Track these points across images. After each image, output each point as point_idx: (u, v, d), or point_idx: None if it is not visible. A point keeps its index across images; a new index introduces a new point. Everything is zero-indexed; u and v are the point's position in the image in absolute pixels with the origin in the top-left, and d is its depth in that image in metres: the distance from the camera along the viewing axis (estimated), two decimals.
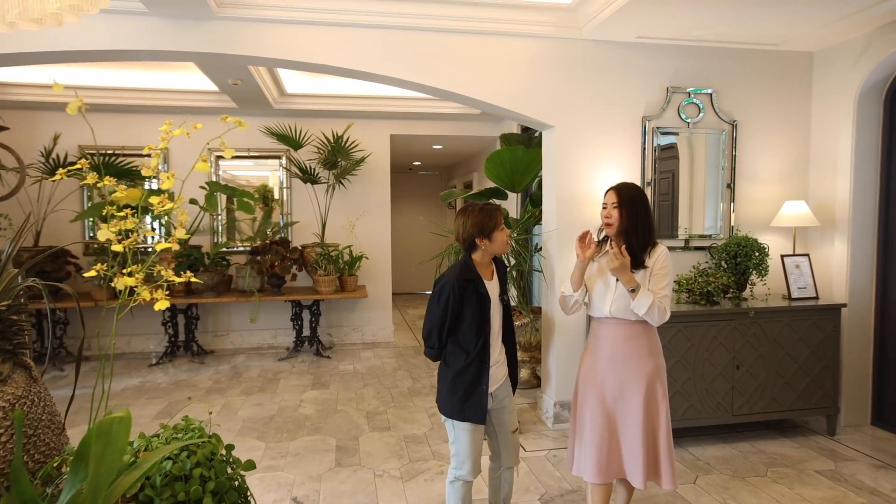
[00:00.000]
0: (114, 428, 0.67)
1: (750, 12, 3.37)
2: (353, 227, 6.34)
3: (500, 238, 2.34)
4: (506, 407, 2.44)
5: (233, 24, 3.39)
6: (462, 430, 2.31)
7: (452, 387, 2.31)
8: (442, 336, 2.32)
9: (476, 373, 2.29)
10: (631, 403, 2.31)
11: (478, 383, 2.29)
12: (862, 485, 3.03)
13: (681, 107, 3.93)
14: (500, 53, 3.70)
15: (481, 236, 2.32)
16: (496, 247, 2.35)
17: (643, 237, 2.32)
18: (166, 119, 6.22)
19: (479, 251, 2.35)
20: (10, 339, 1.21)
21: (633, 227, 2.32)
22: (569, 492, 3.00)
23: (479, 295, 2.30)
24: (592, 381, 2.39)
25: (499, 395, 2.41)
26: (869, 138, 3.75)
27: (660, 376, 2.36)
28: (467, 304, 2.29)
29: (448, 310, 2.27)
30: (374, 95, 5.88)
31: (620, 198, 2.34)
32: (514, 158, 4.41)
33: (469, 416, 2.28)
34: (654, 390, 2.32)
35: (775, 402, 3.59)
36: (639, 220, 2.32)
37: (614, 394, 2.34)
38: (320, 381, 5.11)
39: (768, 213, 4.03)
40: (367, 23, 3.50)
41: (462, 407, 2.29)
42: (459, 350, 2.31)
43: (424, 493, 3.02)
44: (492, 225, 2.32)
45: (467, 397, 2.29)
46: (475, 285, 2.30)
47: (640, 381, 2.30)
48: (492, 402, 2.38)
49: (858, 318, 3.80)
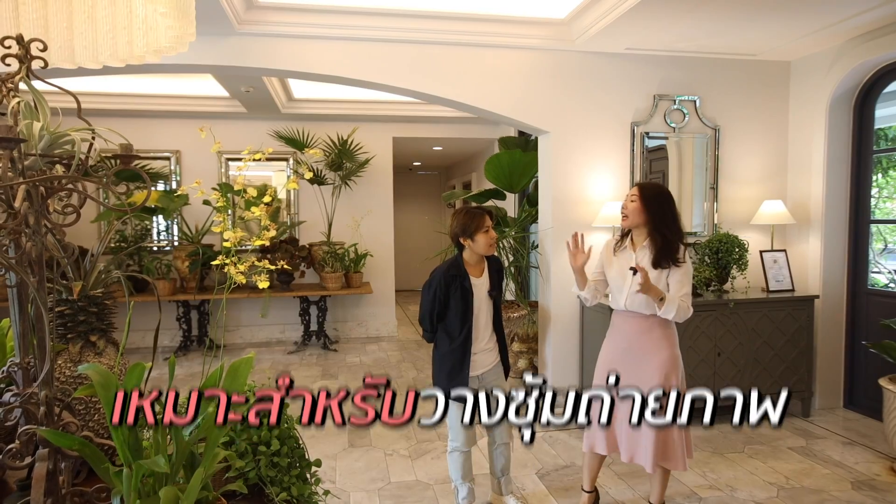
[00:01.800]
0: (241, 367, 0.95)
1: (730, 26, 3.66)
2: (358, 227, 6.62)
3: (483, 240, 2.61)
4: (492, 390, 2.72)
5: (251, 39, 3.67)
6: (451, 405, 2.60)
7: (440, 367, 2.64)
8: (433, 321, 2.63)
9: (460, 356, 2.59)
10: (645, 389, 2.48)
11: (461, 366, 2.59)
12: (829, 459, 3.34)
13: (667, 113, 4.22)
14: (499, 64, 3.98)
15: (465, 236, 2.61)
16: (479, 247, 2.62)
17: (673, 236, 2.41)
18: (179, 123, 6.48)
19: (466, 250, 2.64)
20: (104, 321, 1.49)
21: (663, 224, 2.41)
22: (563, 467, 3.30)
23: (464, 289, 2.59)
24: (606, 367, 2.59)
25: (487, 378, 2.69)
26: (840, 142, 4.05)
27: (675, 367, 2.47)
28: (452, 296, 2.58)
29: (435, 299, 2.58)
30: (377, 100, 6.15)
31: (642, 194, 2.46)
32: (512, 161, 4.69)
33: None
34: (669, 381, 2.44)
35: (754, 385, 3.88)
36: (667, 217, 2.43)
37: (625, 382, 2.47)
38: (329, 373, 5.39)
39: (749, 212, 4.33)
40: (374, 37, 3.77)
41: (448, 385, 2.59)
42: (446, 335, 2.62)
43: (431, 468, 3.31)
44: (473, 227, 2.60)
45: (452, 377, 2.59)
46: (460, 280, 2.59)
47: (655, 372, 2.44)
48: (479, 383, 2.67)
49: (831, 308, 4.11)
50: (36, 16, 1.33)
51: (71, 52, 1.40)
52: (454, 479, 2.74)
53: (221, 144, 4.97)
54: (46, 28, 1.36)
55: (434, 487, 3.08)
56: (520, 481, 3.12)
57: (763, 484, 3.05)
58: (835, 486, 3.01)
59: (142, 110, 5.96)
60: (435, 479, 3.18)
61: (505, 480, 2.86)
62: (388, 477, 3.22)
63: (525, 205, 5.10)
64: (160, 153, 6.29)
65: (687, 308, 2.41)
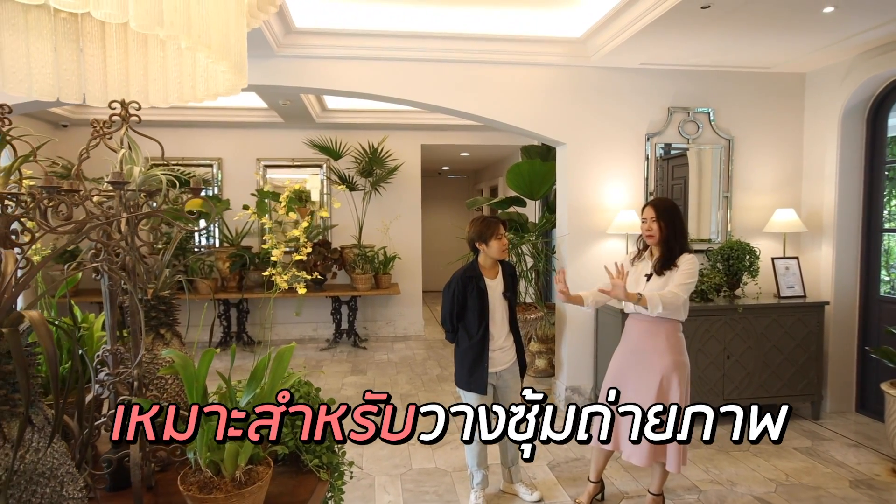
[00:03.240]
0: (285, 354, 1.23)
1: (741, 42, 3.81)
2: (387, 230, 6.94)
3: (496, 245, 2.87)
4: (509, 387, 2.97)
5: (288, 61, 4.00)
6: (470, 398, 2.88)
7: (461, 362, 2.90)
8: (453, 321, 2.89)
9: (478, 352, 2.85)
10: (645, 392, 2.65)
11: (480, 361, 2.85)
12: (832, 459, 3.47)
13: (681, 124, 4.39)
14: (519, 80, 4.22)
15: (480, 241, 2.88)
16: (493, 251, 2.88)
17: (680, 246, 2.65)
18: (221, 132, 6.90)
19: (481, 254, 2.90)
20: (170, 316, 1.81)
21: (673, 236, 2.66)
22: (572, 459, 3.52)
23: (479, 289, 2.85)
24: (617, 368, 2.81)
25: (504, 376, 2.95)
26: (853, 152, 4.15)
27: (677, 371, 2.60)
28: (469, 296, 2.85)
29: (454, 300, 2.84)
30: (406, 109, 6.45)
31: (658, 211, 2.69)
32: (532, 170, 4.92)
33: (474, 386, 2.84)
34: (668, 383, 2.63)
35: (763, 388, 4.03)
36: (677, 229, 2.67)
37: (629, 381, 2.70)
38: (358, 369, 5.72)
39: (762, 220, 4.45)
40: (401, 57, 4.06)
41: (468, 379, 2.85)
42: (465, 333, 2.88)
43: (450, 457, 3.58)
44: (489, 234, 2.87)
45: (472, 371, 2.85)
46: (476, 282, 2.86)
47: (655, 376, 2.64)
48: (497, 380, 2.93)
49: (843, 314, 4.21)
50: (119, 66, 1.65)
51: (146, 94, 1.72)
52: (470, 466, 3.00)
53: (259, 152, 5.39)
54: (127, 76, 1.69)
55: (452, 474, 3.35)
56: (531, 471, 3.36)
57: (763, 480, 3.21)
58: (833, 483, 3.16)
59: (187, 121, 6.40)
60: (453, 467, 3.45)
61: (515, 470, 3.10)
62: (410, 464, 3.50)
63: (545, 212, 5.32)
64: (204, 161, 6.73)
65: (674, 296, 2.50)
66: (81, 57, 1.62)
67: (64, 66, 1.61)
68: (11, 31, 1.53)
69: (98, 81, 1.68)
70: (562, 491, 3.14)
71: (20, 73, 1.54)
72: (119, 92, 1.70)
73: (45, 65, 1.57)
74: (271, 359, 1.26)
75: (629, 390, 2.73)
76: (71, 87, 1.64)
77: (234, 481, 1.22)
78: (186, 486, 1.21)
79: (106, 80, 1.68)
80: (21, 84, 1.55)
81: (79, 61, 1.62)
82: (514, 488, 3.10)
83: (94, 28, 1.64)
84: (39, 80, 1.58)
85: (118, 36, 1.66)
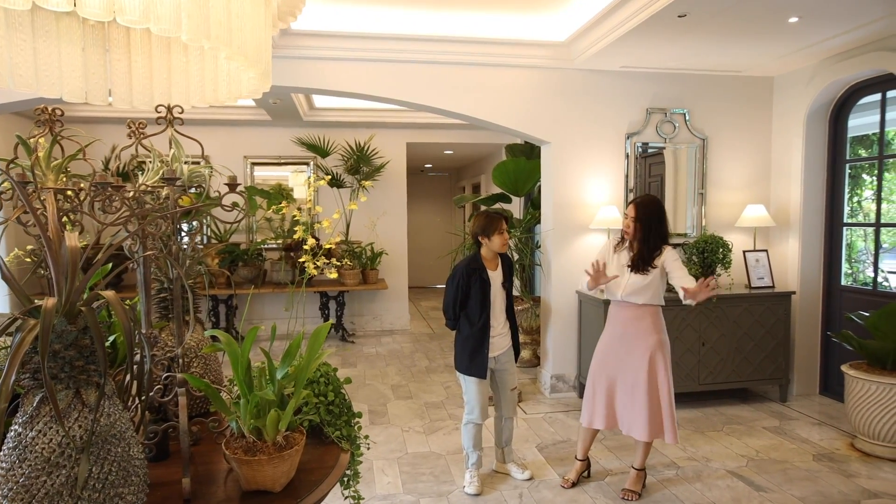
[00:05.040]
0: (321, 331, 1.39)
1: (714, 47, 4.05)
2: (374, 226, 7.07)
3: (498, 240, 3.06)
4: (507, 370, 3.16)
5: (283, 62, 4.11)
6: (470, 382, 3.05)
7: (462, 349, 3.07)
8: (456, 310, 3.06)
9: (479, 339, 3.03)
10: (636, 371, 2.88)
11: (481, 347, 3.03)
12: (797, 436, 3.74)
13: (659, 125, 4.62)
14: (505, 82, 4.40)
15: (483, 235, 3.06)
16: (494, 245, 3.07)
17: (654, 244, 2.89)
18: (208, 129, 6.98)
19: (483, 247, 3.08)
20: (194, 304, 1.94)
21: (645, 237, 2.89)
22: (559, 441, 3.73)
23: (482, 280, 3.04)
24: (604, 352, 3.02)
25: (501, 360, 3.14)
26: (817, 151, 4.44)
27: (662, 349, 2.90)
28: (473, 286, 3.03)
29: (458, 290, 3.02)
30: (392, 108, 6.59)
31: (637, 212, 2.91)
32: (518, 168, 5.11)
33: (474, 371, 3.02)
34: (655, 361, 2.88)
35: (735, 373, 4.29)
36: (651, 231, 2.88)
37: (620, 363, 2.92)
38: (348, 362, 5.86)
39: (734, 215, 4.72)
40: (391, 58, 4.21)
41: (469, 364, 3.03)
42: (468, 321, 3.06)
43: (444, 442, 3.75)
44: (492, 229, 3.05)
45: (473, 357, 3.03)
46: (479, 273, 3.04)
47: (644, 354, 2.89)
48: (495, 364, 3.11)
49: (808, 303, 4.50)
50: (143, 72, 1.78)
51: (168, 96, 1.85)
52: (466, 448, 3.17)
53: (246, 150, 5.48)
54: (150, 78, 1.81)
55: (446, 457, 3.53)
56: (521, 453, 3.56)
57: (735, 456, 3.46)
58: (798, 458, 3.42)
59: (174, 117, 6.42)
60: (447, 450, 3.62)
61: (507, 450, 3.29)
62: (405, 448, 3.66)
63: (530, 208, 5.53)
64: (190, 158, 6.75)
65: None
66: (108, 60, 1.74)
67: (92, 69, 1.73)
68: (45, 38, 1.65)
69: (123, 84, 1.80)
70: (550, 470, 3.34)
71: (52, 77, 1.67)
72: (143, 93, 1.82)
73: (75, 68, 1.69)
74: (304, 337, 1.41)
75: (620, 371, 2.95)
76: (98, 89, 1.76)
77: (275, 445, 1.37)
78: (232, 451, 1.36)
79: (131, 82, 1.80)
80: (53, 87, 1.67)
81: (105, 65, 1.74)
82: (507, 468, 3.29)
83: (121, 34, 1.76)
84: (70, 83, 1.70)
85: (143, 41, 1.79)
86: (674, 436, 2.88)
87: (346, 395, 1.92)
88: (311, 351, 1.42)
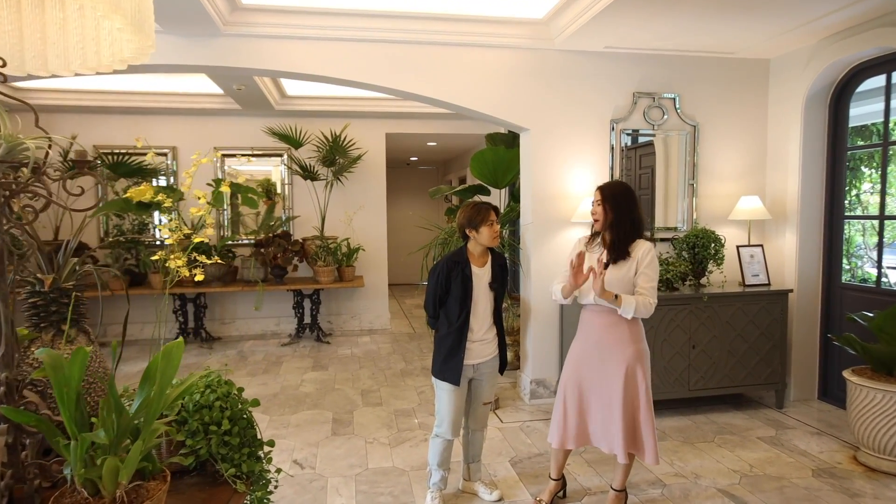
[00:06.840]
0: (173, 350, 1.05)
1: (704, 24, 3.72)
2: (350, 221, 6.73)
3: (487, 232, 2.72)
4: (484, 381, 2.82)
5: (237, 40, 3.77)
6: (442, 389, 2.72)
7: (438, 349, 2.76)
8: (436, 305, 2.74)
9: (456, 341, 2.69)
10: (612, 384, 2.56)
11: (457, 350, 2.69)
12: (795, 448, 3.43)
13: (646, 110, 4.29)
14: (479, 63, 4.06)
15: (470, 228, 2.73)
16: (483, 239, 2.74)
17: (626, 230, 2.56)
18: (175, 119, 6.64)
19: (471, 241, 2.75)
20: (76, 311, 1.61)
21: (616, 222, 2.56)
22: (535, 455, 3.41)
23: (464, 275, 2.70)
24: (576, 363, 2.69)
25: (482, 370, 2.79)
26: (815, 140, 4.12)
27: (640, 360, 2.59)
28: (454, 281, 2.70)
29: (438, 283, 2.70)
30: (370, 97, 6.24)
31: (603, 195, 2.61)
32: (497, 158, 4.77)
33: (447, 376, 2.69)
34: (633, 373, 2.56)
35: (728, 378, 3.98)
36: (622, 213, 2.55)
37: (594, 375, 2.60)
38: (320, 364, 5.53)
39: (727, 208, 4.40)
40: (355, 37, 3.86)
41: (443, 367, 2.70)
42: (445, 320, 2.74)
43: (409, 456, 3.43)
44: (479, 220, 2.72)
45: (447, 360, 2.70)
46: (462, 268, 2.71)
47: (621, 365, 2.56)
48: (473, 372, 2.77)
49: (806, 302, 4.18)
50: (11, 27, 1.43)
51: (44, 61, 1.51)
52: (431, 464, 2.84)
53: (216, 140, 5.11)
54: (21, 38, 1.46)
55: (409, 473, 3.20)
56: (493, 468, 3.24)
57: (727, 472, 3.15)
58: (796, 473, 3.11)
59: (139, 107, 6.09)
60: (411, 465, 3.30)
61: (475, 467, 2.97)
62: (366, 463, 3.34)
63: (511, 200, 5.19)
64: (157, 149, 6.41)
65: (647, 305, 2.48)
66: None
67: None
68: None
69: None
70: (523, 489, 3.02)
71: None
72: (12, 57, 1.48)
73: None
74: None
75: (594, 384, 2.62)
76: None
77: (114, 502, 1.04)
78: None
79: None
80: None
81: None
82: (474, 487, 2.97)
83: None
84: None
85: None
86: (654, 456, 2.55)
87: (253, 421, 1.59)
88: (163, 378, 1.08)
